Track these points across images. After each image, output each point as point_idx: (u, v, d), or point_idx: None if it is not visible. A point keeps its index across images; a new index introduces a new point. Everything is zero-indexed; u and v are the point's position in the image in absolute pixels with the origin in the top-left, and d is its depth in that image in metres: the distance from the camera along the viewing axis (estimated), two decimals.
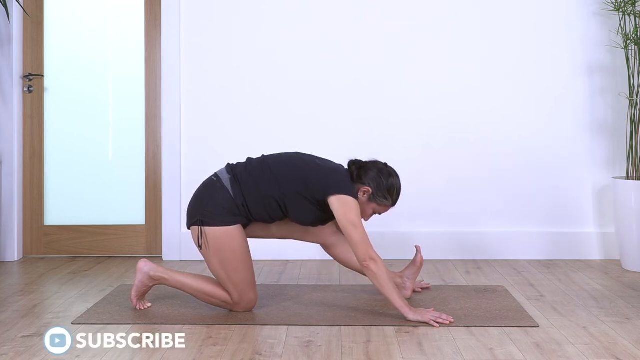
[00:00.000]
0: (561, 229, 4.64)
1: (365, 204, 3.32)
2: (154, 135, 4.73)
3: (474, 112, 4.63)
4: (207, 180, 3.36)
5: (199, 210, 3.26)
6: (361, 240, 3.16)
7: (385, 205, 3.34)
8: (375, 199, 3.30)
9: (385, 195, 3.31)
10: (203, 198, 3.28)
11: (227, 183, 3.27)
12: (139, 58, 4.75)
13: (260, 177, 3.26)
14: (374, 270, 3.15)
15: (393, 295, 3.17)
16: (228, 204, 3.24)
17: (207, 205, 3.25)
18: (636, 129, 4.37)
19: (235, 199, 3.24)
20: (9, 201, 4.63)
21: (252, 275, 3.32)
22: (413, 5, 4.63)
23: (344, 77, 4.64)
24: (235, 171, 3.30)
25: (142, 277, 3.36)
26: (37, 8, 4.72)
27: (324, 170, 3.28)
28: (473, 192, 4.64)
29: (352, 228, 3.17)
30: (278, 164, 3.30)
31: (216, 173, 3.35)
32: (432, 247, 4.59)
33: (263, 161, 3.33)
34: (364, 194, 3.30)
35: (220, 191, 3.25)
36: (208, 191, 3.29)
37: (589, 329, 3.12)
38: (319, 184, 3.23)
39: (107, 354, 2.83)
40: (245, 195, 3.25)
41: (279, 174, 3.26)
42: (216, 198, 3.25)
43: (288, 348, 2.89)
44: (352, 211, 3.18)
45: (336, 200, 3.20)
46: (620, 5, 4.37)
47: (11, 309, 3.46)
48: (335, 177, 3.25)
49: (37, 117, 4.73)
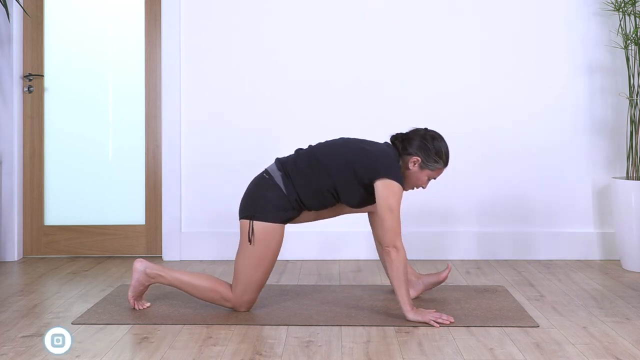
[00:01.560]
0: (561, 229, 4.64)
1: (418, 173, 3.35)
2: (154, 135, 4.73)
3: (474, 112, 4.63)
4: (258, 178, 3.37)
5: (251, 206, 3.30)
6: (392, 226, 3.19)
7: (439, 168, 3.37)
8: (427, 165, 3.33)
9: (435, 159, 3.33)
10: (255, 195, 3.32)
11: (278, 180, 3.30)
12: (139, 58, 4.75)
13: (311, 172, 3.30)
14: (394, 258, 3.18)
15: (402, 288, 3.19)
16: (280, 201, 3.29)
17: (259, 201, 3.29)
18: (636, 129, 4.37)
19: (289, 195, 3.29)
20: (9, 201, 4.63)
21: (264, 279, 3.34)
22: (413, 5, 4.63)
23: (344, 77, 4.64)
24: (286, 167, 3.33)
25: (139, 276, 3.36)
26: (37, 8, 4.72)
27: (371, 153, 3.30)
28: (473, 191, 4.64)
29: (388, 212, 3.20)
30: (326, 154, 3.33)
31: (267, 170, 3.37)
32: (432, 247, 4.60)
33: (311, 153, 3.35)
34: (414, 164, 3.33)
35: (273, 188, 3.29)
36: (260, 188, 3.32)
37: (589, 329, 3.12)
38: (367, 169, 3.26)
39: (107, 354, 2.83)
40: (298, 191, 3.29)
41: (327, 164, 3.29)
42: (268, 195, 3.29)
43: (288, 348, 2.89)
44: (394, 197, 3.22)
45: (381, 184, 3.23)
46: (620, 5, 4.37)
47: (11, 309, 3.46)
48: (382, 161, 3.27)
49: (37, 117, 4.73)
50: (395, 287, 3.20)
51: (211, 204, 4.66)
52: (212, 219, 4.66)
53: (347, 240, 4.62)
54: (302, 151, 3.41)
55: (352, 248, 4.64)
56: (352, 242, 4.63)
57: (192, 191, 4.68)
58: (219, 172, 4.66)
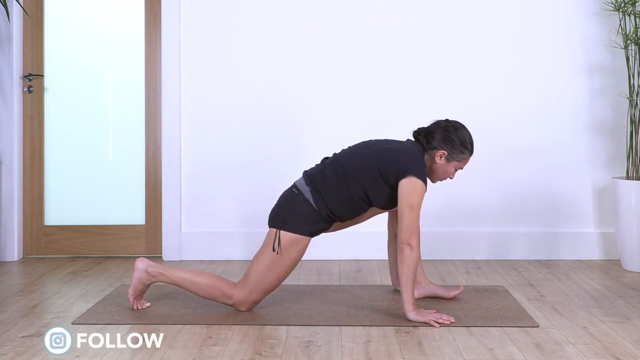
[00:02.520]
0: (561, 229, 4.64)
1: (445, 166, 3.36)
2: (154, 135, 4.73)
3: (474, 112, 4.62)
4: (288, 192, 3.36)
5: (281, 216, 3.29)
6: (410, 224, 3.19)
7: (465, 158, 3.38)
8: (454, 157, 3.34)
9: (460, 150, 3.34)
10: (285, 207, 3.31)
11: (308, 195, 3.29)
12: (139, 58, 4.75)
13: (338, 181, 3.29)
14: (406, 256, 3.18)
15: (408, 286, 3.18)
16: (311, 214, 3.28)
17: (289, 214, 3.28)
18: (636, 129, 4.37)
19: (319, 210, 3.28)
20: (9, 201, 4.63)
21: (275, 286, 3.35)
22: (413, 5, 4.63)
23: (344, 76, 4.64)
24: (314, 181, 3.31)
25: (140, 275, 3.35)
26: (37, 8, 4.72)
27: (395, 152, 3.30)
28: (473, 191, 4.64)
29: (408, 210, 3.20)
30: (350, 159, 3.32)
31: (296, 185, 3.35)
32: (432, 247, 4.60)
33: (336, 161, 3.35)
34: (440, 157, 3.34)
35: (303, 204, 3.28)
36: (289, 202, 3.31)
37: (589, 329, 3.12)
38: (392, 168, 3.26)
39: (107, 354, 2.83)
40: (328, 204, 3.29)
41: (353, 168, 3.29)
42: (297, 209, 3.28)
43: (288, 348, 2.88)
44: (416, 195, 3.22)
45: (406, 181, 3.23)
46: (620, 5, 4.37)
47: (11, 309, 3.46)
48: (406, 158, 3.27)
49: (37, 117, 4.73)
50: (402, 284, 3.20)
51: (211, 204, 4.66)
52: (212, 219, 4.66)
53: (347, 240, 4.62)
54: (327, 160, 3.41)
55: (352, 248, 4.64)
56: (352, 242, 4.63)
57: (192, 191, 4.68)
58: (219, 172, 4.66)
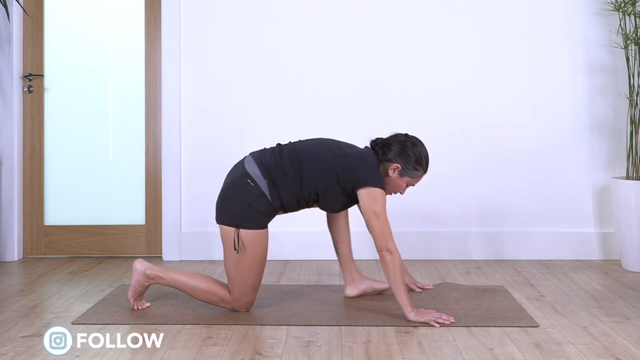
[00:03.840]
0: (561, 229, 4.64)
1: (397, 180, 3.36)
2: (154, 135, 4.73)
3: (474, 112, 4.63)
4: (241, 183, 3.29)
5: (236, 213, 3.26)
6: (382, 231, 3.20)
7: (418, 176, 3.37)
8: (407, 173, 3.34)
9: (414, 166, 3.34)
10: (240, 202, 3.27)
11: (265, 189, 3.27)
12: (139, 58, 4.75)
13: (294, 178, 3.29)
14: (388, 261, 3.19)
15: (400, 290, 3.19)
16: (266, 209, 3.28)
17: (244, 210, 3.26)
18: (636, 129, 4.37)
19: (273, 203, 3.28)
20: (9, 201, 4.63)
21: (259, 280, 3.34)
22: (413, 5, 4.63)
23: (344, 76, 4.64)
24: (272, 174, 3.29)
25: (138, 277, 3.36)
26: (37, 8, 4.72)
27: (353, 160, 3.30)
28: (473, 191, 4.64)
29: (374, 218, 3.21)
30: (310, 161, 3.30)
31: (250, 175, 3.29)
32: (432, 247, 4.60)
33: (295, 157, 3.31)
34: (394, 170, 3.34)
35: (260, 198, 3.27)
36: (245, 196, 3.28)
37: (589, 329, 3.12)
38: (350, 176, 3.26)
39: (107, 354, 2.83)
40: (282, 199, 3.30)
41: (312, 171, 3.28)
42: (255, 205, 3.26)
43: (288, 348, 2.88)
44: (378, 203, 3.22)
45: (365, 192, 3.24)
46: (620, 5, 4.37)
47: (11, 309, 3.46)
48: (364, 168, 3.28)
49: (37, 117, 4.73)
50: (393, 289, 3.20)
51: (211, 204, 4.64)
52: (212, 219, 4.65)
53: None
54: (284, 151, 3.35)
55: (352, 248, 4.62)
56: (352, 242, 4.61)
57: (192, 191, 4.68)
58: (219, 172, 4.64)
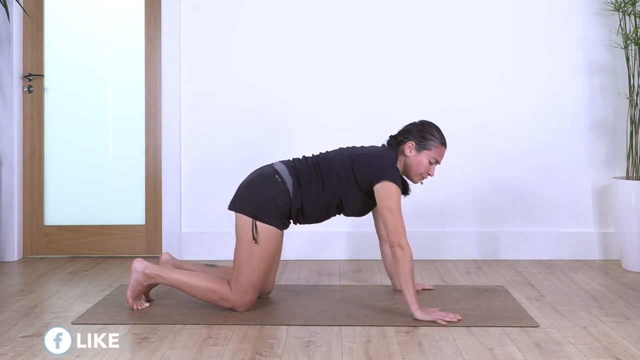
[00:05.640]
0: (561, 229, 4.64)
1: (417, 157, 3.38)
2: (154, 135, 4.73)
3: (474, 112, 4.63)
4: (269, 177, 3.35)
5: (257, 203, 3.29)
6: (395, 226, 3.23)
7: (435, 146, 3.38)
8: (423, 146, 3.37)
9: (427, 137, 3.37)
10: (263, 194, 3.31)
11: (290, 186, 3.32)
12: (139, 58, 4.75)
13: (319, 184, 3.33)
14: (399, 257, 3.21)
15: (409, 287, 3.20)
16: (286, 208, 3.31)
17: (266, 202, 3.29)
18: (636, 129, 4.37)
19: (294, 201, 3.31)
20: (9, 201, 4.63)
21: (263, 280, 3.36)
22: (413, 4, 4.63)
23: (345, 76, 4.64)
24: (300, 175, 3.34)
25: (137, 276, 3.36)
26: (37, 8, 4.72)
27: (367, 157, 3.36)
28: (473, 191, 4.64)
29: (388, 213, 3.24)
30: (331, 168, 3.36)
31: (279, 173, 3.35)
32: (432, 247, 4.60)
33: (317, 166, 3.38)
34: (410, 149, 3.38)
35: (283, 195, 3.30)
36: (269, 190, 3.31)
37: (589, 329, 3.12)
38: (366, 172, 3.31)
39: (107, 354, 2.83)
40: (304, 200, 3.33)
41: (333, 176, 3.33)
42: (277, 201, 3.29)
43: (288, 348, 2.89)
44: (392, 198, 3.25)
45: (380, 187, 3.28)
46: (620, 5, 4.37)
47: (11, 309, 3.46)
48: (378, 163, 3.32)
49: (37, 117, 4.73)
50: (402, 285, 3.21)
51: (211, 204, 4.66)
52: (212, 219, 4.66)
53: (347, 240, 4.62)
54: (309, 160, 3.43)
55: (352, 248, 4.64)
56: (352, 242, 4.63)
57: (192, 191, 4.68)
58: (219, 171, 4.66)
